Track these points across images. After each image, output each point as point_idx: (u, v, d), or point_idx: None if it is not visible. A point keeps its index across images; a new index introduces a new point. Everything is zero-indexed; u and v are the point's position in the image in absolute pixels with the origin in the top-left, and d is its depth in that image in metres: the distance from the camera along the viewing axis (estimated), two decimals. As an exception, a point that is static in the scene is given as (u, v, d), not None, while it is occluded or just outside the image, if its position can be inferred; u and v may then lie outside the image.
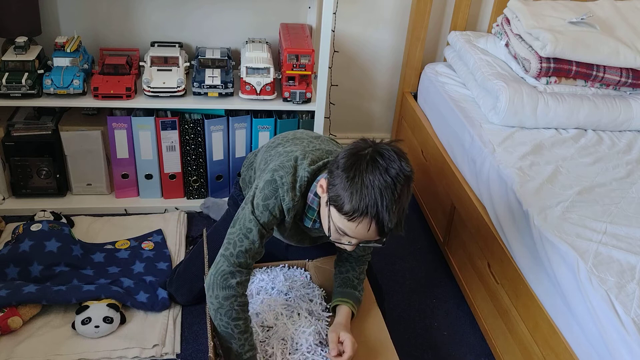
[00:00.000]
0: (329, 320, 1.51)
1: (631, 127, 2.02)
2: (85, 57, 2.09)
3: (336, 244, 1.34)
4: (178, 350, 1.65)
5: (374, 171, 1.21)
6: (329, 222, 1.29)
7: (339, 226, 1.27)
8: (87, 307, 1.65)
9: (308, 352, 1.41)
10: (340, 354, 1.38)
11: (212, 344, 1.37)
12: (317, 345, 1.43)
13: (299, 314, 1.50)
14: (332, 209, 1.26)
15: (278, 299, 1.55)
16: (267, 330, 1.47)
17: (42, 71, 1.97)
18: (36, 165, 2.09)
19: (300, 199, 1.38)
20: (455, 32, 2.38)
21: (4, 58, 1.97)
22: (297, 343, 1.43)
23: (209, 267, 1.57)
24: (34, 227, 1.85)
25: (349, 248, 1.32)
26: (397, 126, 2.60)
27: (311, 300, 1.56)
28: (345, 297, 1.50)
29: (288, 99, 2.06)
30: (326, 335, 1.47)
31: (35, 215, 1.98)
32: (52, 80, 1.94)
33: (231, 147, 2.16)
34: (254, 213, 1.37)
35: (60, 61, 2.00)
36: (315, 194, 1.36)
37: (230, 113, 2.12)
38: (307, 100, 2.08)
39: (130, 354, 1.60)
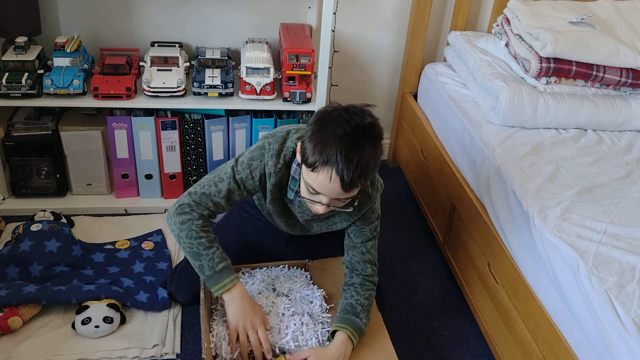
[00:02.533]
0: (329, 321, 1.51)
1: (631, 127, 2.02)
2: (85, 57, 2.09)
3: (310, 206, 1.38)
4: (178, 350, 1.65)
5: (337, 123, 1.26)
6: (301, 181, 1.35)
7: (307, 181, 1.31)
8: (87, 307, 1.65)
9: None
10: None
11: (205, 345, 1.37)
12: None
13: (302, 323, 1.49)
14: (303, 166, 1.31)
15: (279, 300, 1.54)
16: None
17: (42, 71, 1.97)
18: (36, 165, 2.09)
19: (285, 170, 1.43)
20: (455, 32, 2.38)
21: (4, 58, 1.97)
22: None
23: None
24: (34, 227, 1.85)
25: (320, 209, 1.35)
26: (397, 126, 2.60)
27: (311, 302, 1.56)
28: (343, 322, 1.45)
29: (288, 99, 2.06)
30: (324, 339, 1.47)
31: (35, 215, 1.98)
32: (52, 80, 1.94)
33: (231, 147, 2.16)
34: (234, 168, 1.45)
35: (60, 61, 2.00)
36: (298, 164, 1.40)
37: (230, 113, 2.12)
38: (307, 100, 2.08)
39: (130, 354, 1.60)
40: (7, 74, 1.93)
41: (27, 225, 1.87)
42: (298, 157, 1.36)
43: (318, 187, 1.29)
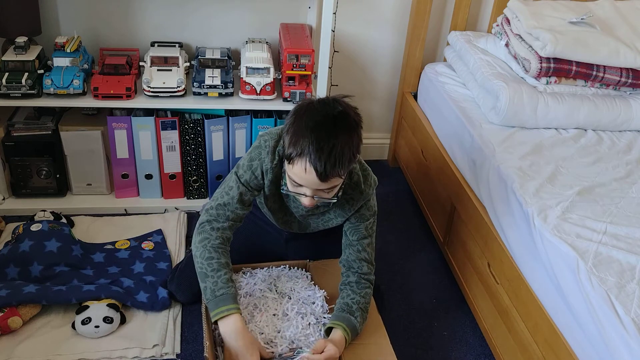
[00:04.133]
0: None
1: (631, 127, 2.02)
2: (85, 57, 2.09)
3: (298, 199, 1.41)
4: (178, 350, 1.65)
5: (309, 115, 1.28)
6: (285, 174, 1.37)
7: (289, 174, 1.34)
8: (87, 307, 1.65)
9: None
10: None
11: (207, 343, 1.37)
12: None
13: (309, 324, 1.49)
14: (285, 160, 1.34)
15: (281, 301, 1.55)
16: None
17: (42, 71, 1.97)
18: (36, 165, 2.09)
19: (280, 166, 1.45)
20: (455, 32, 2.38)
21: (4, 58, 1.97)
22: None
23: None
24: (34, 227, 1.85)
25: (306, 202, 1.36)
26: (397, 126, 2.60)
27: (313, 303, 1.56)
28: (337, 320, 1.45)
29: (288, 99, 2.06)
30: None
31: (35, 215, 1.98)
32: (52, 80, 1.94)
33: (231, 147, 2.16)
34: (237, 173, 1.48)
35: (60, 61, 2.00)
36: None
37: (230, 113, 2.12)
38: (307, 100, 2.07)
39: (130, 354, 1.60)
40: (7, 74, 1.93)
41: (27, 225, 1.87)
42: None
43: (297, 179, 1.32)
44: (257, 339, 1.42)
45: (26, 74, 1.94)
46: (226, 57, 2.15)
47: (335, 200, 1.41)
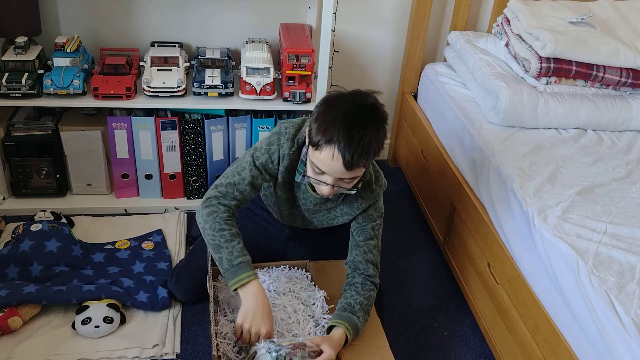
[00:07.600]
0: (328, 323, 1.51)
1: (631, 127, 2.02)
2: (85, 57, 2.09)
3: (315, 186, 1.43)
4: (178, 350, 1.65)
5: (341, 103, 1.31)
6: (307, 161, 1.38)
7: (312, 161, 1.35)
8: (87, 307, 1.65)
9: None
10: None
11: (215, 342, 1.37)
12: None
13: (309, 329, 1.48)
14: (309, 146, 1.35)
15: (281, 301, 1.54)
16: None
17: (42, 71, 1.97)
18: (36, 165, 2.09)
19: (296, 154, 1.47)
20: (455, 32, 2.38)
21: (4, 58, 1.97)
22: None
23: (211, 264, 1.58)
24: (34, 227, 1.85)
25: (325, 190, 1.38)
26: (397, 126, 2.60)
27: (313, 303, 1.56)
28: (340, 319, 1.45)
29: (288, 99, 2.06)
30: None
31: (35, 215, 1.98)
32: (52, 80, 1.94)
33: (231, 147, 2.16)
34: (253, 155, 1.48)
35: (60, 61, 2.00)
36: (307, 147, 1.42)
37: (230, 113, 2.12)
38: (307, 100, 2.08)
39: (130, 354, 1.60)
40: (7, 74, 1.93)
41: (27, 225, 1.87)
42: (307, 141, 1.38)
43: (322, 165, 1.32)
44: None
45: (26, 74, 1.94)
46: (226, 57, 2.15)
47: (355, 192, 1.43)
